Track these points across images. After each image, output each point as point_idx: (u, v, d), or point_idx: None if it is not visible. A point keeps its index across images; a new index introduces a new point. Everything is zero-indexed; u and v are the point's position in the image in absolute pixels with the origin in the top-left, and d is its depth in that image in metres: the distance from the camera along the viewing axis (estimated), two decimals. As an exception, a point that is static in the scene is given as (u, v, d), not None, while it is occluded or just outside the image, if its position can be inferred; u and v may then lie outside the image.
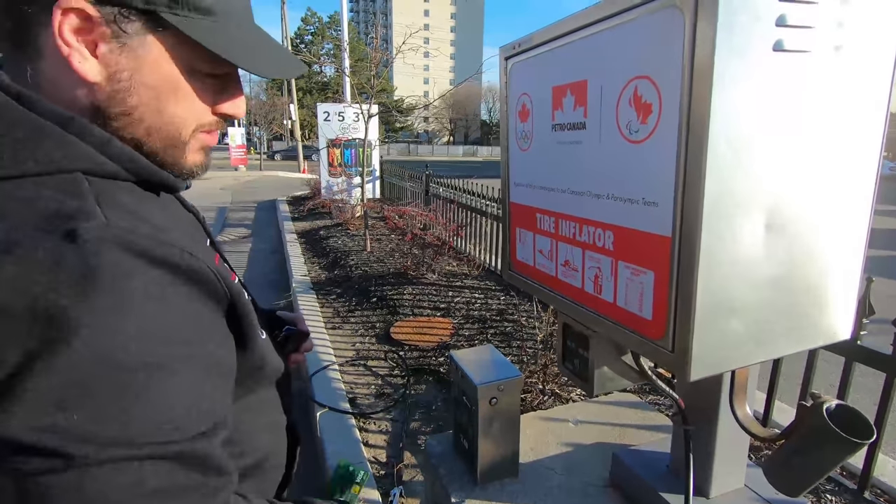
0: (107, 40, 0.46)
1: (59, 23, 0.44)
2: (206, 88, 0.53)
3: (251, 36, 0.54)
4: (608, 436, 1.64)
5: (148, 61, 0.48)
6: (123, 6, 0.45)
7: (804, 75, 0.72)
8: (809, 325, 0.82)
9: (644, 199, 0.80)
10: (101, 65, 0.46)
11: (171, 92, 0.50)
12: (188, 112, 0.52)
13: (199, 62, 0.50)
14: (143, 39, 0.47)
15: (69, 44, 0.45)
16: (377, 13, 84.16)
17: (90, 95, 0.47)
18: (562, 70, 0.97)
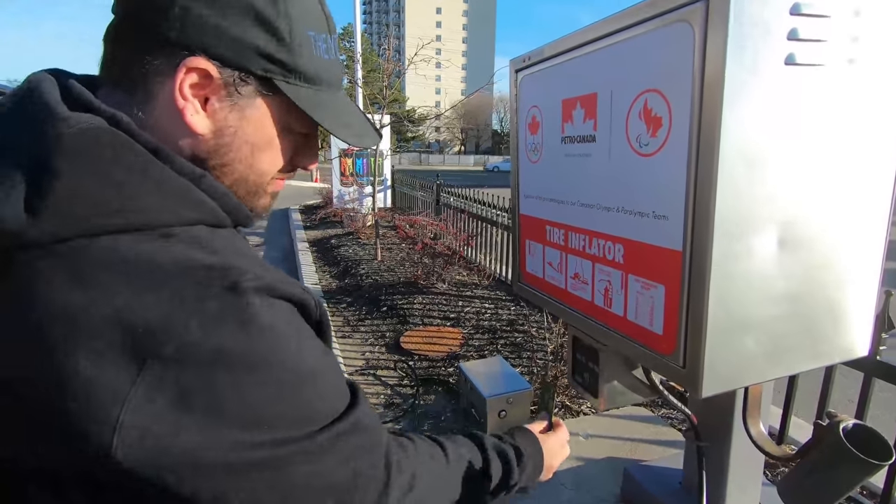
0: (219, 98, 0.49)
1: (182, 79, 0.47)
2: (291, 144, 0.57)
3: (341, 103, 0.59)
4: (619, 450, 1.62)
5: (252, 120, 0.52)
6: (245, 71, 0.49)
7: (817, 89, 0.71)
8: (825, 342, 0.81)
9: (654, 213, 0.79)
10: (210, 119, 0.50)
11: (265, 147, 0.54)
12: (273, 165, 0.56)
13: (295, 123, 0.55)
14: (252, 100, 0.51)
15: (186, 98, 0.48)
16: (390, 25, 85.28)
17: (193, 146, 0.50)
18: (572, 83, 0.97)
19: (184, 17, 0.46)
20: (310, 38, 0.52)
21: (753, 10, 0.65)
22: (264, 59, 0.49)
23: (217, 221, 0.50)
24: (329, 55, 0.55)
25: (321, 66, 0.54)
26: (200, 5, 0.47)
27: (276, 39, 0.49)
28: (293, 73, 0.51)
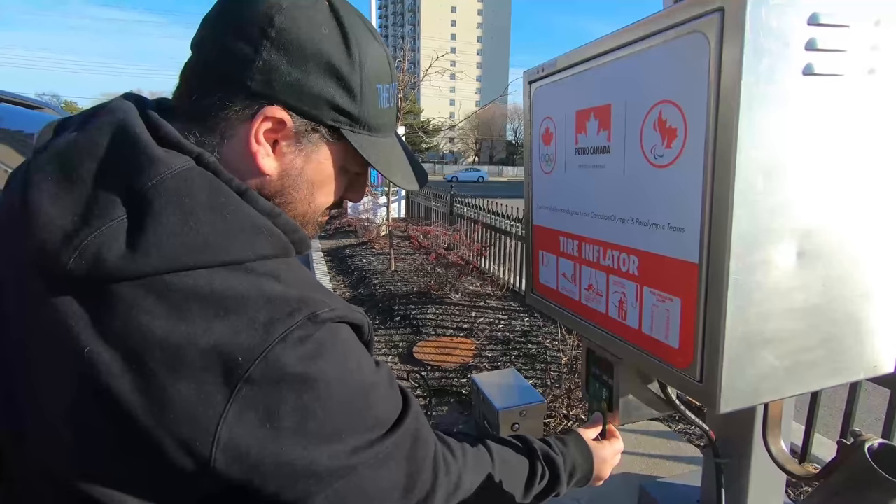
0: (289, 143, 0.53)
1: (259, 125, 0.51)
2: (344, 182, 0.62)
3: (394, 148, 0.62)
4: (635, 466, 1.59)
5: (315, 162, 0.56)
6: (317, 122, 0.53)
7: (837, 99, 0.70)
8: (848, 358, 0.78)
9: (669, 224, 0.79)
10: (278, 161, 0.53)
11: (323, 186, 0.58)
12: (328, 200, 0.61)
13: (352, 164, 0.59)
14: (318, 146, 0.55)
15: (260, 142, 0.51)
16: (405, 37, 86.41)
17: (261, 185, 0.53)
18: (585, 94, 0.97)
19: (266, 71, 0.49)
20: (377, 91, 0.56)
21: (770, 21, 0.64)
22: (335, 111, 0.53)
23: (286, 254, 0.53)
24: (389, 103, 0.59)
25: (382, 115, 0.58)
26: (283, 60, 0.49)
27: (348, 93, 0.53)
28: (359, 122, 0.55)
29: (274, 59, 0.49)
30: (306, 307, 0.48)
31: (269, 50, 0.49)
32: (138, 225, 0.44)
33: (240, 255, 0.48)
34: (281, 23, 0.49)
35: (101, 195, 0.45)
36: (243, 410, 0.44)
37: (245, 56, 0.49)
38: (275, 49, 0.49)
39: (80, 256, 0.43)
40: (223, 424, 0.43)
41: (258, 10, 0.49)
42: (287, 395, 0.45)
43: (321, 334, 0.48)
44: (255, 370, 0.44)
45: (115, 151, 0.47)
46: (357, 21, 0.53)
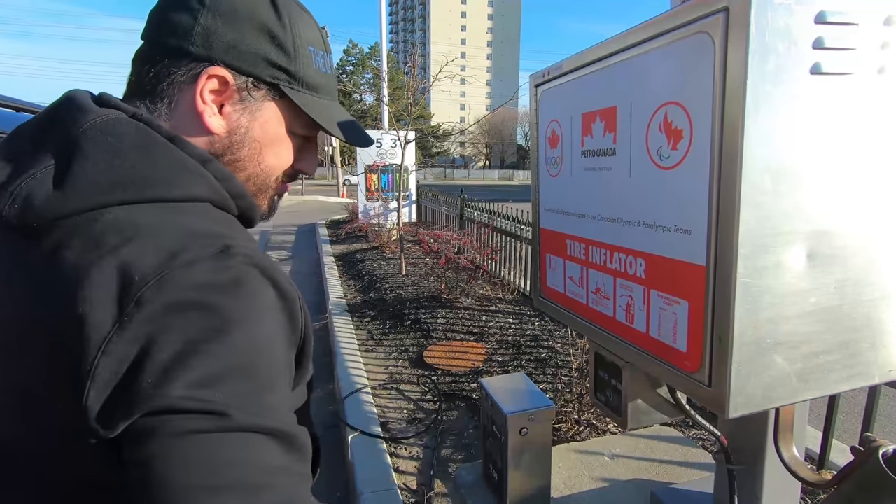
0: (233, 102, 0.56)
1: (203, 85, 0.54)
2: (293, 146, 0.63)
3: (336, 110, 0.66)
4: (646, 472, 1.56)
5: (261, 121, 0.58)
6: (256, 78, 0.56)
7: (846, 98, 0.69)
8: (862, 362, 0.77)
9: (676, 227, 0.78)
10: (225, 120, 0.56)
11: (271, 146, 0.60)
12: (278, 163, 0.62)
13: (298, 126, 0.61)
14: (261, 104, 0.58)
15: (206, 102, 0.55)
16: (416, 43, 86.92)
17: (209, 144, 0.56)
18: (591, 96, 0.97)
19: (205, 35, 0.54)
20: (310, 53, 0.60)
21: (776, 20, 0.64)
22: (273, 68, 0.57)
23: (223, 203, 0.54)
24: (326, 69, 0.63)
25: (319, 77, 0.61)
26: (219, 23, 0.54)
27: (283, 52, 0.57)
28: (296, 80, 0.59)
29: (211, 23, 0.53)
30: (223, 241, 0.46)
31: (205, 16, 0.53)
32: (66, 167, 0.46)
33: (167, 193, 0.49)
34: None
35: (38, 148, 0.49)
36: (126, 336, 0.41)
37: (185, 24, 0.53)
38: (211, 14, 0.54)
39: (12, 203, 0.45)
40: (102, 354, 0.40)
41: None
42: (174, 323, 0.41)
43: (237, 273, 0.45)
44: (147, 292, 0.41)
45: (55, 113, 0.51)
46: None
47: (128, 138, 0.49)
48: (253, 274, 0.46)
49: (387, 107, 8.32)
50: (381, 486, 2.12)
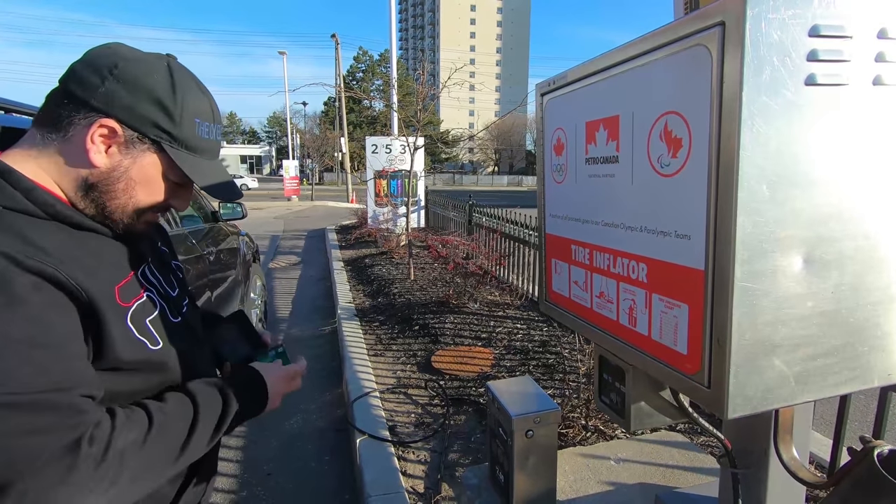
0: (119, 146, 0.71)
1: (94, 130, 0.69)
2: (168, 188, 0.78)
3: (214, 169, 0.81)
4: (652, 476, 1.57)
5: (139, 165, 0.73)
6: (143, 134, 0.71)
7: (842, 108, 0.71)
8: (861, 365, 0.78)
9: (676, 232, 0.80)
10: (109, 159, 0.71)
11: (145, 186, 0.75)
12: (148, 200, 0.76)
13: (172, 174, 0.76)
14: (143, 153, 0.73)
15: (94, 142, 0.69)
16: (425, 50, 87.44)
17: (89, 174, 0.71)
18: (595, 105, 1.00)
19: (107, 95, 0.69)
20: (195, 123, 0.76)
21: (770, 34, 0.66)
22: (158, 129, 0.72)
23: (21, 208, 0.66)
24: (209, 136, 0.79)
25: (199, 141, 0.77)
26: (120, 89, 0.69)
27: (169, 118, 0.72)
28: (177, 141, 0.74)
29: (113, 87, 0.69)
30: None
31: (111, 82, 0.69)
32: None
33: None
34: (124, 66, 0.70)
35: None
36: None
37: (93, 83, 0.69)
38: (115, 81, 0.69)
39: None
40: None
41: (109, 58, 0.70)
42: None
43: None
44: None
45: None
46: (188, 78, 0.76)
47: None
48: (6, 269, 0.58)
49: (396, 113, 8.40)
50: (389, 488, 2.14)
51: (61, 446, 0.58)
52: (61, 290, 0.63)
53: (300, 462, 2.61)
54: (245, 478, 2.47)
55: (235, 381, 0.83)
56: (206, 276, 3.01)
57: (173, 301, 0.87)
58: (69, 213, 0.70)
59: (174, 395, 0.75)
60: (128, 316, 0.72)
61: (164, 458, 0.69)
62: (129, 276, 0.77)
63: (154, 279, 0.85)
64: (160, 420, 0.69)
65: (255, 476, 2.49)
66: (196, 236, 3.16)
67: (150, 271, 0.85)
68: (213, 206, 3.85)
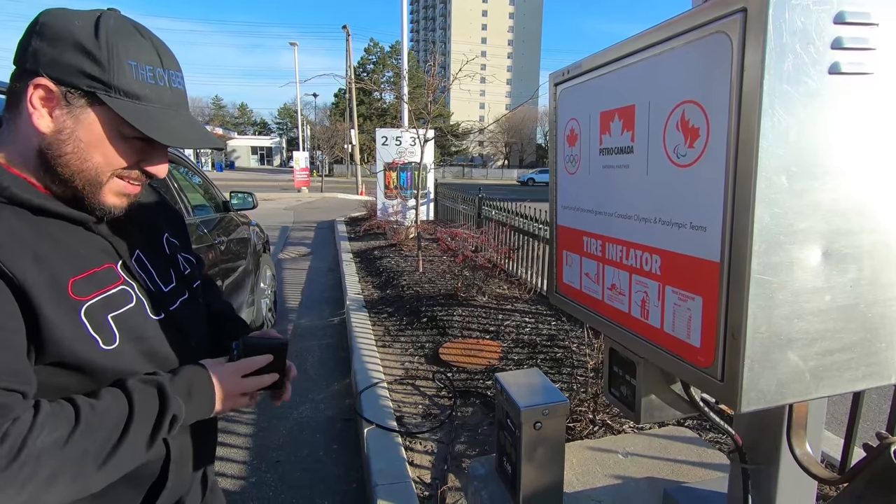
0: (60, 108, 0.68)
1: (31, 93, 0.67)
2: (129, 148, 0.73)
3: (170, 116, 0.74)
4: (660, 470, 1.56)
5: (85, 124, 0.69)
6: (73, 87, 0.67)
7: (866, 97, 0.69)
8: (878, 361, 0.77)
9: (692, 224, 0.79)
10: (53, 122, 0.68)
11: (96, 146, 0.70)
12: (105, 162, 0.71)
13: (126, 129, 0.70)
14: (84, 109, 0.69)
15: (35, 107, 0.67)
16: (436, 42, 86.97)
17: (40, 141, 0.69)
18: (610, 95, 0.98)
19: (34, 54, 0.67)
20: (130, 66, 0.69)
21: (794, 21, 0.64)
22: (87, 78, 0.67)
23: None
24: (157, 82, 0.73)
25: (144, 87, 0.71)
26: (43, 45, 0.67)
27: (95, 63, 0.67)
28: (112, 88, 0.68)
29: (37, 44, 0.67)
30: None
31: (35, 39, 0.67)
32: None
33: None
34: (44, 20, 0.68)
35: None
36: None
37: (23, 48, 0.68)
38: (38, 37, 0.67)
39: None
40: None
41: (36, 20, 0.69)
42: None
43: None
44: None
45: None
46: (122, 22, 0.71)
47: None
48: None
49: (406, 105, 8.37)
50: (396, 478, 2.16)
51: None
52: (2, 277, 0.61)
53: (308, 450, 2.64)
54: (254, 464, 2.50)
55: (178, 379, 0.75)
56: (216, 266, 3.03)
57: (161, 297, 0.82)
58: (27, 197, 0.67)
59: (109, 392, 0.69)
60: (82, 310, 0.68)
61: (89, 462, 0.64)
62: (99, 269, 0.73)
63: (142, 273, 0.80)
64: (88, 419, 0.64)
65: (264, 463, 2.52)
66: (207, 225, 3.18)
67: (139, 263, 0.81)
68: (225, 196, 3.88)
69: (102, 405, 0.66)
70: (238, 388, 0.81)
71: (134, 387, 0.70)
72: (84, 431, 0.63)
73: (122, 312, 0.73)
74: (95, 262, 0.73)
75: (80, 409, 0.64)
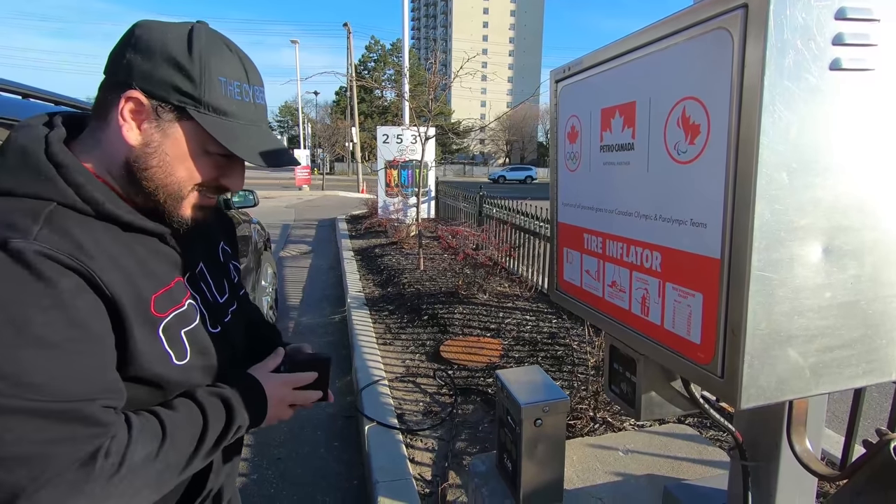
0: (149, 121, 0.68)
1: (122, 105, 0.67)
2: (211, 163, 0.73)
3: (253, 133, 0.74)
4: (660, 468, 1.57)
5: (172, 138, 0.69)
6: (165, 101, 0.68)
7: (868, 94, 0.69)
8: (878, 358, 0.77)
9: (692, 221, 0.79)
10: (141, 135, 0.68)
11: (181, 160, 0.70)
12: (190, 176, 0.72)
13: (211, 145, 0.71)
14: (172, 123, 0.69)
15: (125, 119, 0.67)
16: (437, 39, 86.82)
17: (127, 153, 0.69)
18: (611, 92, 0.98)
19: (128, 67, 0.67)
20: (220, 82, 0.70)
21: (795, 16, 0.64)
22: (179, 94, 0.68)
23: (71, 204, 0.64)
24: (243, 97, 0.73)
25: (231, 104, 0.71)
26: (137, 57, 0.67)
27: (188, 79, 0.68)
28: (202, 104, 0.69)
29: (131, 57, 0.67)
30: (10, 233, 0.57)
31: (129, 52, 0.67)
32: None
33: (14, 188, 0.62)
34: (139, 33, 0.68)
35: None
36: None
37: (118, 60, 0.68)
38: (132, 50, 0.67)
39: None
40: None
41: (131, 31, 0.69)
42: None
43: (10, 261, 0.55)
44: None
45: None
46: (213, 37, 0.71)
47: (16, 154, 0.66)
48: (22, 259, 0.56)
49: (408, 103, 8.36)
50: (397, 475, 2.16)
51: (79, 457, 0.57)
52: (99, 295, 0.61)
53: (309, 447, 2.65)
54: (255, 461, 2.51)
55: (239, 391, 0.77)
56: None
57: (217, 309, 0.83)
58: (117, 213, 0.67)
59: (184, 405, 0.71)
60: (160, 327, 0.69)
61: (171, 472, 0.67)
62: (173, 284, 0.73)
63: (203, 285, 0.81)
64: (172, 433, 0.66)
65: (265, 460, 2.53)
66: (209, 223, 3.18)
67: (200, 276, 0.81)
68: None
69: (181, 418, 0.69)
70: (287, 400, 0.85)
71: (204, 399, 0.72)
72: (169, 445, 0.66)
73: (192, 328, 0.74)
74: (169, 277, 0.74)
75: (164, 424, 0.66)
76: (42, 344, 0.55)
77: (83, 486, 0.56)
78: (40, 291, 0.56)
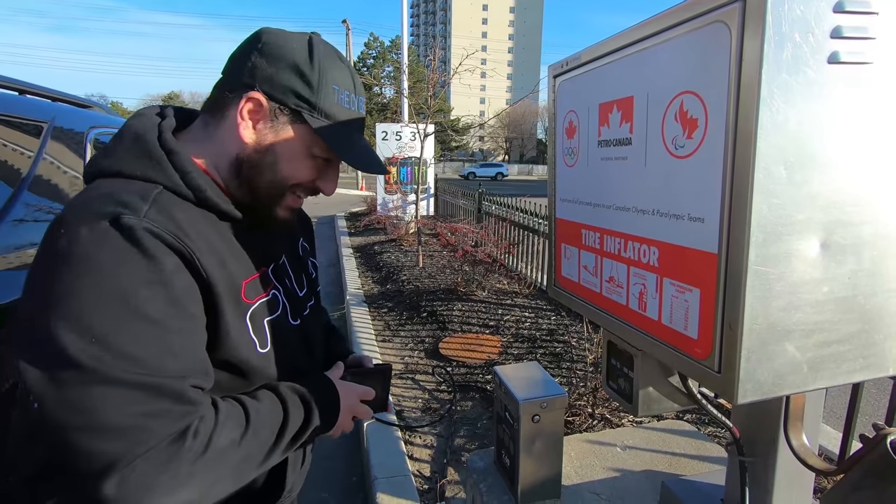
0: (265, 121, 0.72)
1: (243, 105, 0.71)
2: (313, 166, 0.77)
3: (356, 140, 0.79)
4: (658, 463, 1.57)
5: (283, 139, 0.73)
6: (283, 105, 0.72)
7: (866, 87, 0.69)
8: (876, 353, 0.77)
9: (690, 215, 0.79)
10: (255, 134, 0.72)
11: (290, 160, 0.74)
12: (294, 175, 0.76)
13: (316, 148, 0.75)
14: (285, 126, 0.73)
15: (244, 118, 0.71)
16: (436, 36, 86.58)
17: (240, 150, 0.73)
18: (609, 87, 0.98)
19: (252, 69, 0.71)
20: (334, 91, 0.74)
21: (793, 9, 0.64)
22: (297, 98, 0.72)
23: (176, 189, 0.68)
24: (350, 106, 0.77)
25: (341, 111, 0.76)
26: (263, 61, 0.71)
27: (307, 86, 0.72)
28: (316, 109, 0.73)
29: (258, 61, 0.71)
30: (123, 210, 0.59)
31: (256, 56, 0.71)
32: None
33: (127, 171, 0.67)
34: (266, 39, 0.72)
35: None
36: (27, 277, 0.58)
37: (242, 62, 0.72)
38: (259, 55, 0.71)
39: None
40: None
41: (256, 37, 0.73)
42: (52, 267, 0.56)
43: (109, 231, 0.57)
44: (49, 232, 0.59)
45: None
46: (329, 48, 0.76)
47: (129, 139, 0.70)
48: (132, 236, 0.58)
49: (406, 100, 8.35)
50: (396, 472, 2.17)
51: (169, 434, 0.57)
52: (196, 277, 0.63)
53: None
54: (254, 458, 2.51)
55: (316, 391, 0.77)
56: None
57: (297, 301, 0.84)
58: (216, 202, 0.70)
59: (267, 396, 0.71)
60: (248, 313, 0.70)
61: (250, 463, 0.66)
62: (260, 272, 0.76)
63: (286, 277, 0.83)
64: (255, 423, 0.67)
65: (265, 456, 2.53)
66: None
67: (283, 269, 0.83)
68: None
69: (265, 409, 0.70)
70: (354, 411, 0.85)
71: (286, 393, 0.73)
72: (252, 434, 0.66)
73: (275, 318, 0.76)
74: (257, 266, 0.76)
75: (249, 412, 0.67)
76: (145, 318, 0.57)
77: (170, 463, 0.56)
78: (147, 267, 0.58)
